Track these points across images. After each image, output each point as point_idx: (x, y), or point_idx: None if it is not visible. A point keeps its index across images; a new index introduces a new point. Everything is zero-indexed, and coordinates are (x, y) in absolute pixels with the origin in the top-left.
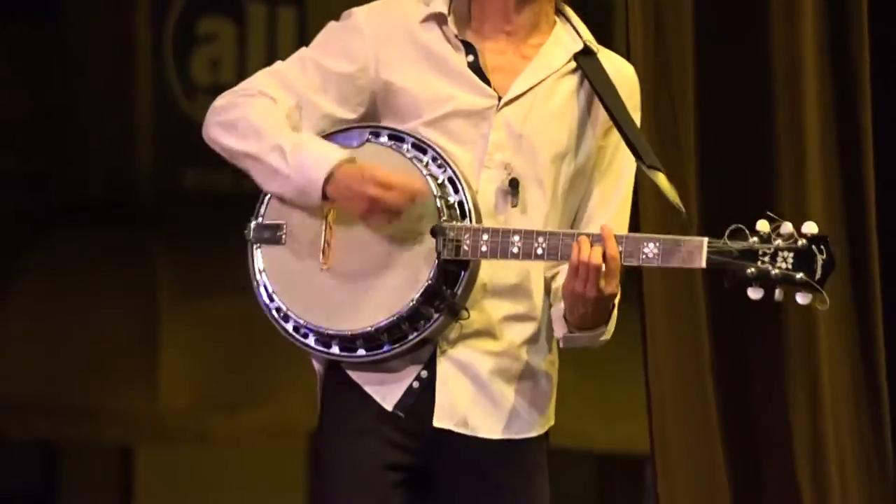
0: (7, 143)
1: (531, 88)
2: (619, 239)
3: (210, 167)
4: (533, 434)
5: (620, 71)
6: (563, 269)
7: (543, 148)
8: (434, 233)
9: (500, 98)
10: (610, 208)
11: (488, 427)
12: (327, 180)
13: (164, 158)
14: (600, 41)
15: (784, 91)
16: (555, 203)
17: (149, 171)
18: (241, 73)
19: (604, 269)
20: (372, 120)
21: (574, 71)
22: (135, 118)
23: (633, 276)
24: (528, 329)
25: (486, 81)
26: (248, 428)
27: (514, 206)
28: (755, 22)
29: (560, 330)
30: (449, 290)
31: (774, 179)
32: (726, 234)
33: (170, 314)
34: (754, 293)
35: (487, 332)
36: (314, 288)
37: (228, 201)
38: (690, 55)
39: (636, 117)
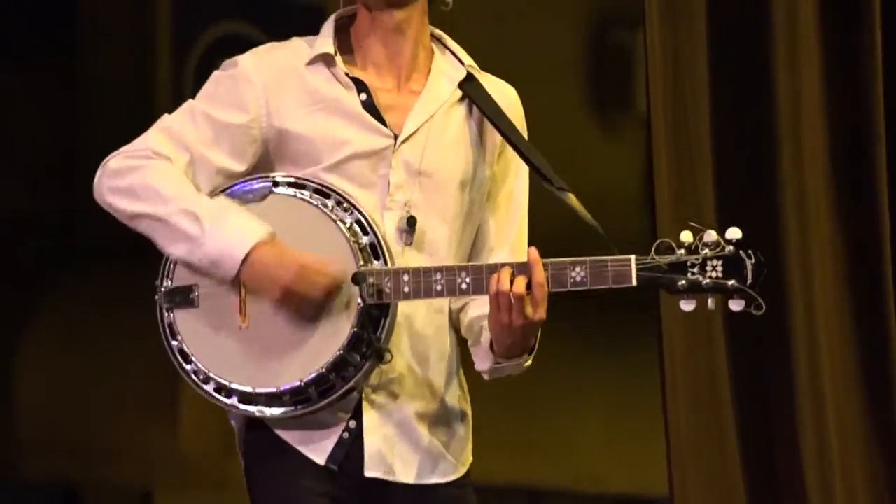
0: (29, 184)
1: (425, 123)
2: (544, 265)
3: None
4: (460, 474)
5: (503, 92)
6: (472, 302)
7: (444, 181)
8: (356, 280)
9: (395, 137)
10: (510, 235)
11: (415, 473)
12: (245, 259)
13: None
14: (619, 94)
15: (788, 132)
16: (455, 235)
17: None
18: None
19: (531, 296)
20: (264, 169)
21: (461, 99)
22: None
23: (651, 321)
24: (443, 367)
25: (381, 121)
26: None
27: (409, 244)
28: (763, 73)
29: (485, 363)
30: (373, 334)
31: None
32: (653, 249)
33: None
34: (687, 305)
35: (408, 375)
36: (234, 348)
37: None
38: (706, 105)
39: (526, 136)
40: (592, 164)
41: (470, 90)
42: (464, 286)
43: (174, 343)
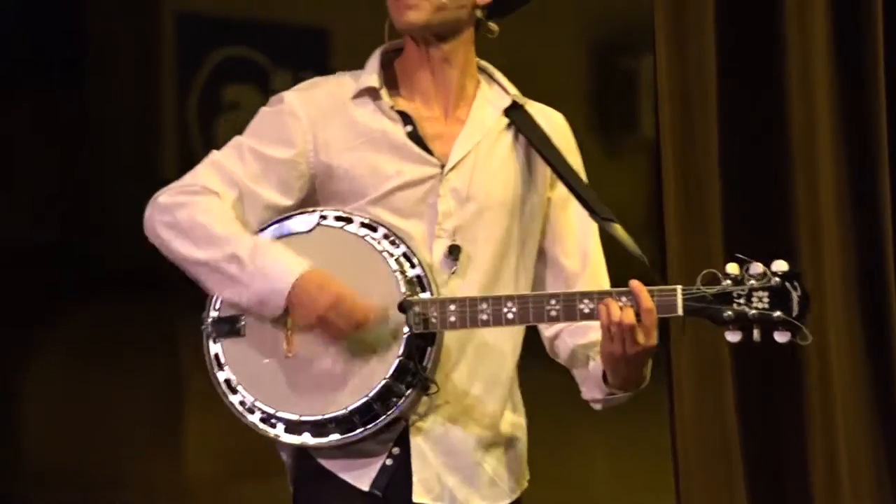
0: (33, 213)
1: (471, 151)
2: (604, 293)
3: None
4: (511, 499)
5: (550, 119)
6: (567, 328)
7: (491, 208)
8: (402, 308)
9: (442, 165)
10: (587, 263)
11: (466, 499)
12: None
13: None
14: (624, 118)
15: (801, 154)
16: (505, 263)
17: None
18: None
19: (640, 324)
20: (311, 204)
21: (508, 127)
22: (160, 185)
23: (660, 355)
24: (498, 393)
25: (428, 150)
26: (274, 497)
27: (454, 272)
28: (774, 95)
29: (597, 393)
30: (419, 364)
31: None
32: (699, 279)
33: (194, 383)
34: (732, 336)
35: (459, 402)
36: (280, 377)
37: None
38: (714, 130)
39: (576, 161)
40: (598, 187)
41: (516, 118)
42: (510, 315)
43: (220, 374)
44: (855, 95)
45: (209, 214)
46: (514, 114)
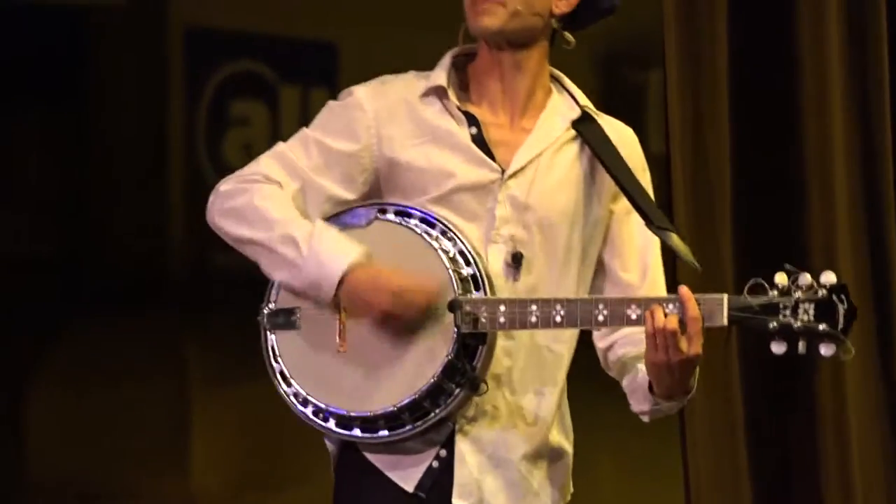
0: (38, 226)
1: (533, 160)
2: (639, 301)
3: None
4: None
5: (620, 133)
6: (620, 339)
7: (550, 218)
8: (452, 307)
9: (503, 171)
10: (647, 273)
11: None
12: (341, 281)
13: (197, 242)
14: (636, 129)
15: (814, 174)
16: (565, 273)
17: (181, 255)
18: None
19: (685, 332)
20: (374, 198)
21: (574, 138)
22: (167, 202)
23: None
24: (548, 402)
25: (490, 155)
26: None
27: (517, 279)
28: (787, 111)
29: (645, 404)
30: (469, 364)
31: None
32: (746, 289)
33: (202, 397)
34: (777, 347)
35: (508, 407)
36: (333, 371)
37: (261, 283)
38: (726, 146)
39: (644, 178)
40: None
41: (584, 129)
42: (558, 318)
43: (276, 365)
44: (865, 113)
45: (268, 200)
46: (583, 125)
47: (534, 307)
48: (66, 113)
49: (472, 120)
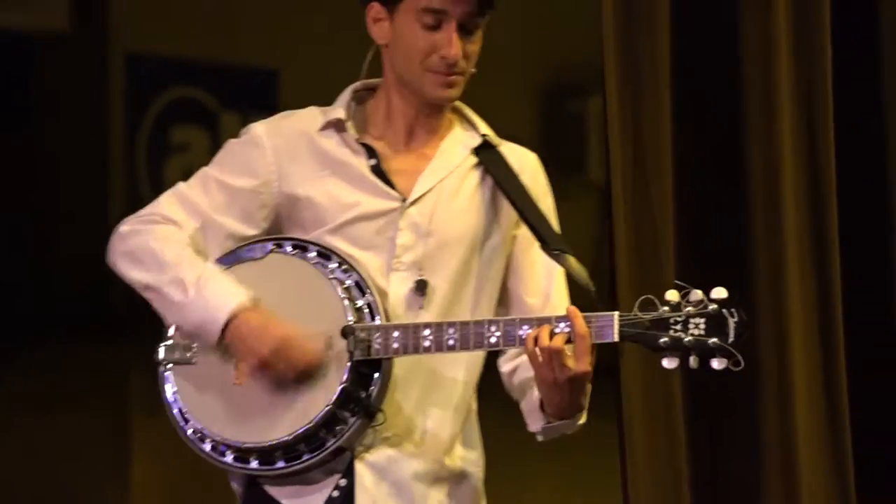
0: None
1: (434, 187)
2: (529, 320)
3: None
4: None
5: (522, 160)
6: (522, 363)
7: (452, 244)
8: (344, 334)
9: (404, 199)
10: (549, 296)
11: None
12: (227, 324)
13: None
14: (574, 161)
15: (759, 199)
16: (469, 299)
17: (122, 281)
18: None
19: (574, 349)
20: (276, 233)
21: (476, 166)
22: (108, 227)
23: (610, 391)
24: (446, 428)
25: (390, 184)
26: None
27: (421, 307)
28: (733, 137)
29: (537, 423)
30: (363, 392)
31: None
32: (636, 305)
33: (142, 426)
34: (669, 362)
35: (409, 433)
36: (229, 403)
37: None
38: (669, 173)
39: (545, 202)
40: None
41: (484, 157)
42: (451, 342)
43: (172, 402)
44: (811, 140)
45: (162, 241)
46: (484, 153)
47: (427, 332)
48: (7, 138)
49: (370, 152)
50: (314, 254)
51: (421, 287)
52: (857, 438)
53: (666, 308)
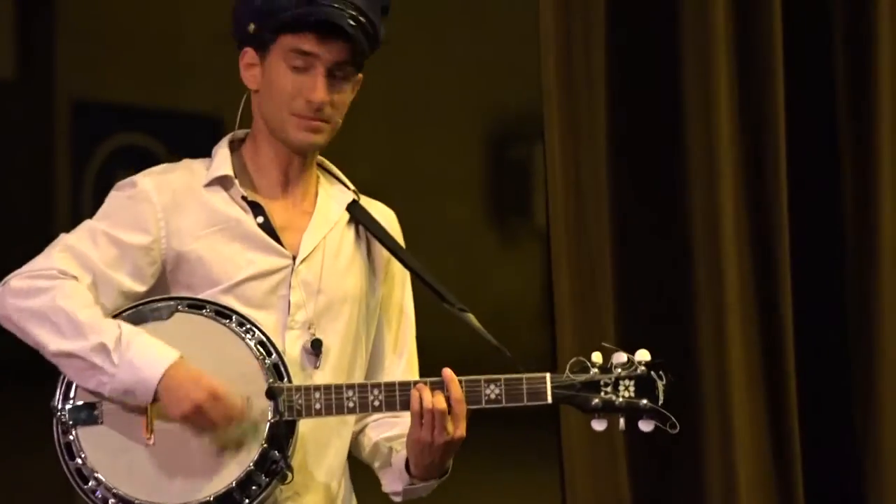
0: None
1: (319, 243)
2: (459, 382)
3: None
4: None
5: (384, 214)
6: (372, 423)
7: (342, 301)
8: (272, 395)
9: (294, 257)
10: (405, 349)
11: None
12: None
13: None
14: (518, 208)
15: (702, 249)
16: (357, 357)
17: None
18: None
19: (451, 413)
20: (160, 291)
21: (350, 221)
22: None
23: (552, 432)
24: (340, 479)
25: (279, 241)
26: None
27: (317, 367)
28: (671, 183)
29: (398, 484)
30: (281, 453)
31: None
32: (567, 367)
33: None
34: (598, 425)
35: (304, 490)
36: (140, 464)
37: None
38: (606, 219)
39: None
40: (492, 277)
41: (356, 213)
42: (377, 403)
43: (73, 462)
44: (757, 184)
45: (71, 300)
46: (355, 209)
47: (350, 392)
48: None
49: (257, 208)
50: (213, 313)
51: (316, 346)
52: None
53: (596, 370)
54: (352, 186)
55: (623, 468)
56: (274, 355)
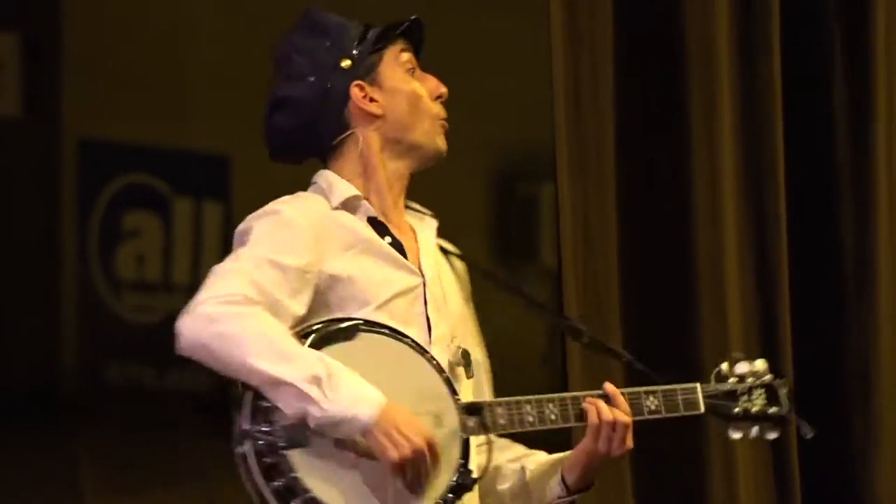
0: None
1: (432, 263)
2: (623, 394)
3: (134, 362)
4: None
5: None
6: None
7: (463, 318)
8: (475, 410)
9: (422, 274)
10: (488, 366)
11: None
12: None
13: (88, 354)
14: (525, 247)
15: (705, 285)
16: (484, 367)
17: (72, 366)
18: (167, 269)
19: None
20: (311, 314)
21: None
22: (59, 314)
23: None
24: None
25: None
26: None
27: (470, 377)
28: (679, 224)
29: (546, 496)
30: (467, 467)
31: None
32: (713, 377)
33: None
34: (735, 433)
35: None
36: (355, 481)
37: (152, 397)
38: (615, 259)
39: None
40: (502, 317)
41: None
42: (553, 417)
43: (277, 483)
44: (759, 231)
45: (273, 328)
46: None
47: (528, 407)
48: None
49: (383, 228)
50: (390, 332)
51: (466, 356)
52: None
53: (733, 379)
54: (429, 212)
55: (627, 475)
56: (445, 371)
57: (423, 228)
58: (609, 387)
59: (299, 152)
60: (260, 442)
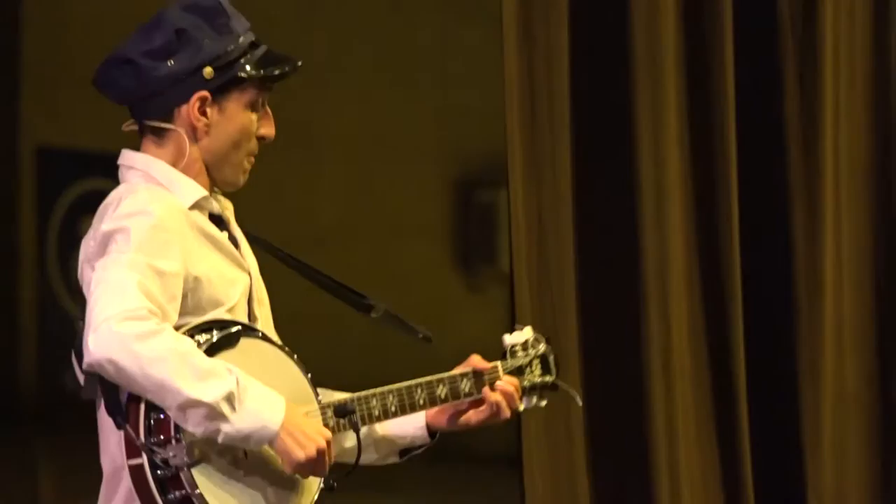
0: None
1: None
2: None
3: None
4: None
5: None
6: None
7: (269, 308)
8: (345, 412)
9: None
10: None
11: None
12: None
13: (48, 362)
14: (483, 252)
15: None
16: None
17: (32, 375)
18: None
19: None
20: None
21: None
22: (18, 321)
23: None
24: None
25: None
26: None
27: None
28: (628, 230)
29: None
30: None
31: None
32: (507, 354)
33: None
34: (522, 404)
35: None
36: (249, 487)
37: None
38: (570, 263)
39: None
40: (457, 320)
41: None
42: (443, 396)
43: (173, 495)
44: (711, 233)
45: (185, 343)
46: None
47: (419, 391)
48: None
49: (222, 224)
50: (260, 335)
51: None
52: None
53: (521, 353)
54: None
55: (582, 470)
56: (309, 373)
57: (228, 215)
58: (478, 358)
59: (118, 101)
60: (157, 457)
